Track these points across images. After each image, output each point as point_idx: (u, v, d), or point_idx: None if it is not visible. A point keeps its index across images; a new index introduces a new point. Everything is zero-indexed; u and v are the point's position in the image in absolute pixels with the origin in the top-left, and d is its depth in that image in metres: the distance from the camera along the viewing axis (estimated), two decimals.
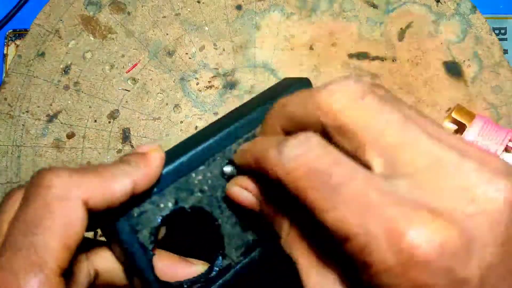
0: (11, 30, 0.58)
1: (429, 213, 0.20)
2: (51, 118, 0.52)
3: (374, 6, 0.55)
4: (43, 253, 0.24)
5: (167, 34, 0.54)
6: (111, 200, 0.27)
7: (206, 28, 0.54)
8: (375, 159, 0.22)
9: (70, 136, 0.52)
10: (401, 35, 0.55)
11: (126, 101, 0.53)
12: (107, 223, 0.29)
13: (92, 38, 0.54)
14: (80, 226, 0.25)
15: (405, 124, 0.22)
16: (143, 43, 0.54)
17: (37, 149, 0.52)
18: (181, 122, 0.53)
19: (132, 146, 0.52)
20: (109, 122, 0.53)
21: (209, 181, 0.32)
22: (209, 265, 0.33)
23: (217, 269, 0.32)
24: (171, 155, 0.31)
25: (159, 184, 0.30)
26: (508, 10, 0.61)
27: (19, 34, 0.58)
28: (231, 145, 0.32)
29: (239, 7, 0.54)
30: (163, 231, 0.34)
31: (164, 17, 0.54)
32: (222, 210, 0.32)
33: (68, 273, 0.26)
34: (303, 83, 0.36)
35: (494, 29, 0.58)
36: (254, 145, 0.29)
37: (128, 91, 0.53)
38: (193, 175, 0.31)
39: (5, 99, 0.52)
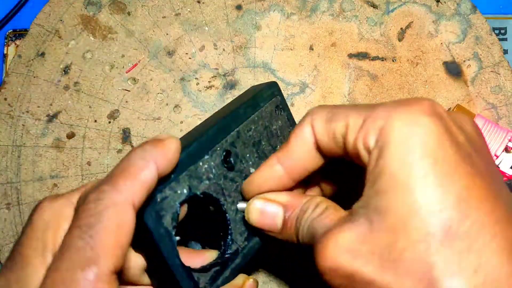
0: (11, 30, 0.58)
1: None
2: (51, 118, 0.52)
3: (374, 6, 0.55)
4: (98, 250, 0.25)
5: (167, 34, 0.54)
6: (148, 190, 0.28)
7: (206, 28, 0.54)
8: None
9: (70, 136, 0.52)
10: (401, 35, 0.55)
11: (126, 101, 0.53)
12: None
13: (92, 38, 0.54)
14: (130, 226, 0.27)
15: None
16: (143, 43, 0.54)
17: (37, 149, 0.52)
18: (181, 122, 0.53)
19: (132, 146, 0.52)
20: (109, 122, 0.53)
21: (213, 170, 0.35)
22: (217, 252, 0.36)
23: (229, 252, 0.35)
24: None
25: (175, 172, 0.31)
26: (508, 10, 0.61)
27: (19, 34, 0.58)
28: (226, 136, 0.36)
29: (239, 7, 0.54)
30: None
31: (164, 17, 0.54)
32: (226, 197, 0.35)
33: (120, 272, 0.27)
34: (273, 86, 0.41)
35: (494, 29, 0.58)
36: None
37: (128, 91, 0.53)
38: (200, 163, 0.34)
39: (5, 99, 0.52)
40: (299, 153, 0.32)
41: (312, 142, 0.31)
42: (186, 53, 0.54)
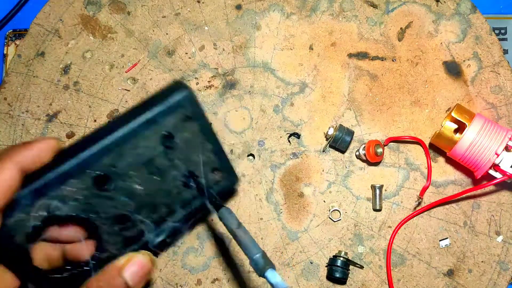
0: (11, 30, 0.58)
1: None
2: (50, 118, 0.52)
3: (374, 6, 0.55)
4: None
5: (167, 34, 0.54)
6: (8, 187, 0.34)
7: (206, 28, 0.54)
8: None
9: (70, 135, 0.52)
10: (401, 35, 0.55)
11: (126, 101, 0.53)
12: None
13: (91, 38, 0.54)
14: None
15: None
16: (143, 42, 0.54)
17: None
18: None
19: None
20: (109, 121, 0.53)
21: (83, 191, 0.37)
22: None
23: (94, 262, 0.39)
24: (44, 169, 0.36)
25: (31, 198, 0.35)
26: (508, 10, 0.61)
27: (19, 34, 0.58)
28: (102, 159, 0.37)
29: (239, 7, 0.54)
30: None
31: (164, 17, 0.54)
32: (100, 214, 0.38)
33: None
34: (181, 96, 0.39)
35: (494, 29, 0.58)
36: None
37: (128, 90, 0.53)
38: (64, 187, 0.36)
39: (5, 98, 0.52)
40: None
41: None
42: (186, 53, 0.54)
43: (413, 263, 0.51)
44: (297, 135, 0.53)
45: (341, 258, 0.50)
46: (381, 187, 0.52)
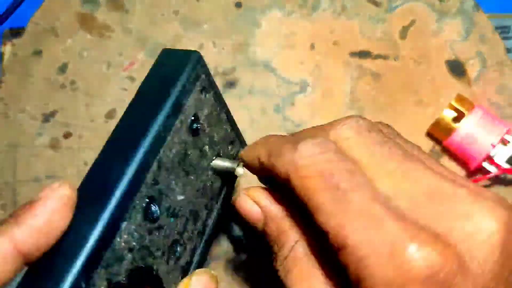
0: (7, 29, 0.58)
1: (428, 233, 0.21)
2: (47, 118, 0.52)
3: (376, 4, 0.54)
4: None
5: (166, 32, 0.53)
6: None
7: (205, 26, 0.53)
8: (379, 181, 0.24)
9: (67, 135, 0.52)
10: (404, 33, 0.54)
11: (124, 100, 0.52)
12: None
13: (89, 36, 0.53)
14: None
15: (405, 156, 0.25)
16: (141, 41, 0.53)
17: (33, 149, 0.51)
18: None
19: None
20: (107, 121, 0.52)
21: (135, 234, 0.26)
22: None
23: None
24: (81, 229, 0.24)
25: (84, 274, 0.23)
26: None
27: (16, 32, 0.58)
28: (145, 179, 0.26)
29: (238, 5, 0.54)
30: None
31: (162, 14, 0.53)
32: (154, 254, 0.27)
33: None
34: (193, 60, 0.30)
35: (497, 27, 0.58)
36: (267, 141, 0.30)
37: (126, 90, 0.52)
38: (118, 239, 0.25)
39: (1, 98, 0.52)
40: None
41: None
42: None
43: None
44: None
45: None
46: None
